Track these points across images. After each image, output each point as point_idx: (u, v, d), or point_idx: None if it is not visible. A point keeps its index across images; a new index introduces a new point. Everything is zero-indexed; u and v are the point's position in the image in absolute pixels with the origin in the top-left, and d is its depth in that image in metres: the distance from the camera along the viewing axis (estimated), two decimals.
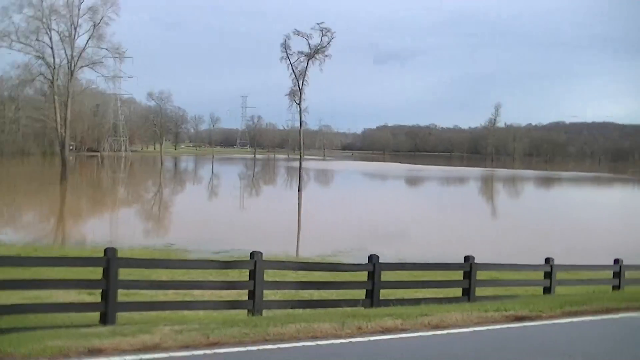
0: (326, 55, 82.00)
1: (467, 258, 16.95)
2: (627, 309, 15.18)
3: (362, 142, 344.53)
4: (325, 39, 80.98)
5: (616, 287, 20.33)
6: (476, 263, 16.95)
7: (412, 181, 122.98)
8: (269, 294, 16.12)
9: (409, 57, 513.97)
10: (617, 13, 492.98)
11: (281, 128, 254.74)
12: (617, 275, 20.47)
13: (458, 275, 17.22)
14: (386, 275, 16.43)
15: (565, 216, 63.92)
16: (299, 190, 79.13)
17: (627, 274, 21.17)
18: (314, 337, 10.48)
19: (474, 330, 11.90)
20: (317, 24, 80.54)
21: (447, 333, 11.58)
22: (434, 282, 18.73)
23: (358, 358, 9.46)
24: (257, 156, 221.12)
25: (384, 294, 15.84)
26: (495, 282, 19.72)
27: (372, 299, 15.12)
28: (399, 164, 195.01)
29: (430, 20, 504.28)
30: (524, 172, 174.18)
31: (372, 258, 15.41)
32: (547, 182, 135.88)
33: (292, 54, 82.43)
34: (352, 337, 10.73)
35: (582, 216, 64.06)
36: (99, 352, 8.97)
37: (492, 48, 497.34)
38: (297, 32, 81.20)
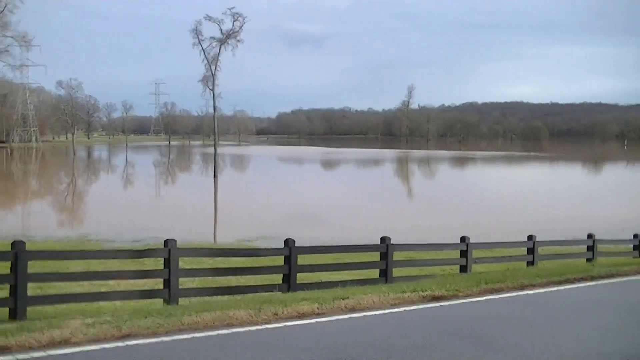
0: (238, 41, 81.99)
1: (383, 239, 16.97)
2: (541, 285, 15.46)
3: (277, 126, 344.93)
4: (237, 23, 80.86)
5: (530, 263, 20.71)
6: (392, 244, 16.97)
7: (328, 164, 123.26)
8: (187, 282, 15.89)
9: (322, 40, 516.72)
10: None
11: (195, 114, 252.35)
12: (531, 251, 20.85)
13: (376, 256, 17.21)
14: (305, 259, 16.36)
15: (482, 195, 64.97)
16: (214, 177, 78.60)
17: (541, 250, 21.66)
18: (230, 325, 10.27)
19: (391, 312, 11.84)
20: (229, 9, 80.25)
21: (364, 315, 11.50)
22: (351, 264, 18.73)
23: (271, 344, 9.27)
24: (172, 143, 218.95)
25: (304, 277, 15.82)
26: (412, 263, 19.73)
27: (289, 283, 15.05)
28: (314, 147, 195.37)
29: (343, 4, 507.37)
30: (439, 152, 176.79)
31: (288, 242, 15.32)
32: (461, 161, 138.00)
33: (204, 40, 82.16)
34: (268, 323, 10.52)
35: (498, 194, 65.25)
36: (4, 350, 8.58)
37: (405, 31, 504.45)
38: (209, 18, 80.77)
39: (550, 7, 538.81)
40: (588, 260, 22.48)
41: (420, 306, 12.52)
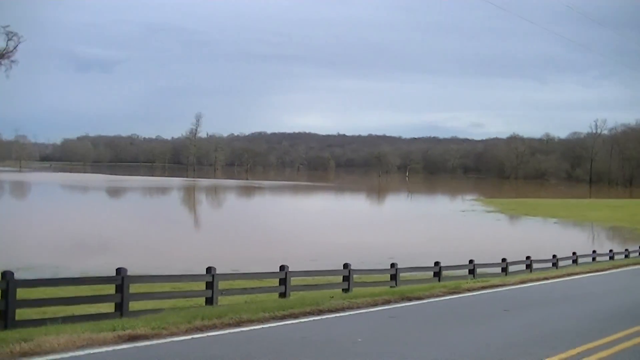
0: (12, 61, 78.54)
1: (118, 270, 16.04)
2: (261, 320, 14.29)
3: (62, 153, 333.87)
4: (12, 43, 77.63)
5: (282, 295, 20.15)
6: (129, 276, 16.12)
7: (109, 192, 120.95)
8: None
9: (112, 66, 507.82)
10: (319, 28, 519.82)
11: None
12: (283, 282, 20.34)
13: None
14: (31, 293, 15.27)
15: (253, 224, 65.11)
16: None
17: (294, 281, 21.11)
18: None
19: (72, 356, 10.42)
20: (2, 27, 76.83)
21: None
22: (81, 297, 17.26)
23: None
24: None
25: (40, 312, 14.99)
26: (151, 295, 18.42)
27: (6, 320, 13.75)
28: (99, 175, 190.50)
29: (133, 30, 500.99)
30: (224, 181, 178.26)
31: (6, 274, 14.00)
32: (244, 190, 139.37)
33: None
34: None
35: (270, 223, 65.57)
36: None
37: (194, 59, 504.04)
38: None
39: (337, 42, 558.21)
40: (344, 290, 22.11)
41: (110, 348, 11.07)
